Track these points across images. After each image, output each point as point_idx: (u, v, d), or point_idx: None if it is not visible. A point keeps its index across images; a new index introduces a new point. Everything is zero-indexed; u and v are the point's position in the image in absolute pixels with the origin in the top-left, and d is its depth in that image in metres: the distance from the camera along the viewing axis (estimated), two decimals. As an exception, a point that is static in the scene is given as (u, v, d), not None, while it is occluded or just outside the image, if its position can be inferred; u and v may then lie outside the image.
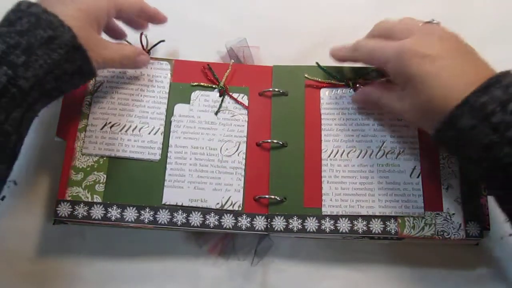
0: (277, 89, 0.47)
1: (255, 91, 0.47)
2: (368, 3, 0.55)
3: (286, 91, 0.47)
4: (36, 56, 0.36)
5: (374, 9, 0.55)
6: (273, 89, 0.47)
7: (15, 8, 0.38)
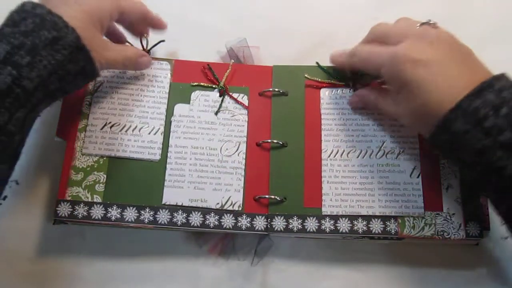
0: (277, 89, 0.47)
1: (255, 91, 0.47)
2: (368, 3, 0.55)
3: (286, 91, 0.47)
4: (40, 57, 0.36)
5: (374, 9, 0.54)
6: (273, 89, 0.47)
7: (19, 9, 0.38)
